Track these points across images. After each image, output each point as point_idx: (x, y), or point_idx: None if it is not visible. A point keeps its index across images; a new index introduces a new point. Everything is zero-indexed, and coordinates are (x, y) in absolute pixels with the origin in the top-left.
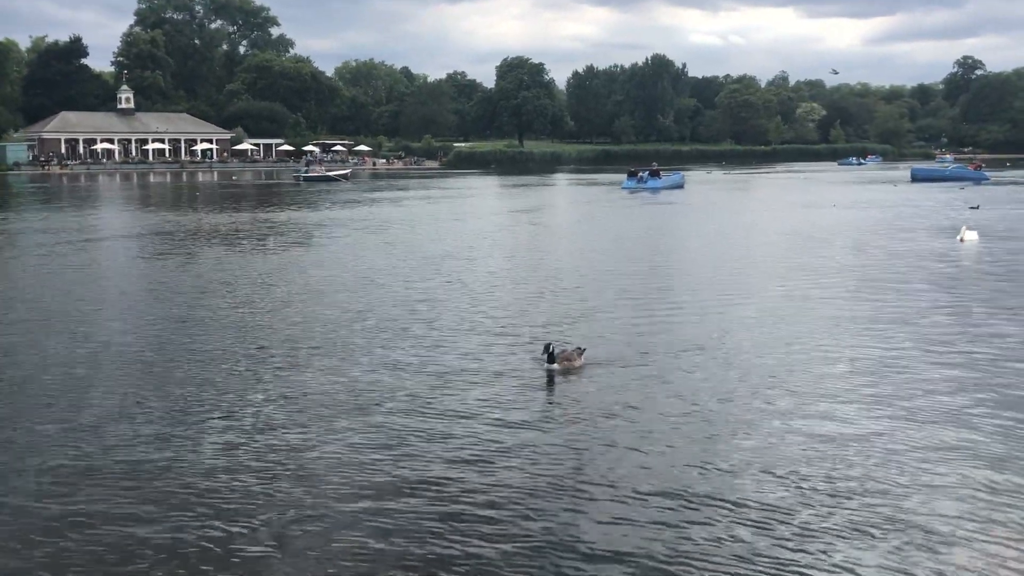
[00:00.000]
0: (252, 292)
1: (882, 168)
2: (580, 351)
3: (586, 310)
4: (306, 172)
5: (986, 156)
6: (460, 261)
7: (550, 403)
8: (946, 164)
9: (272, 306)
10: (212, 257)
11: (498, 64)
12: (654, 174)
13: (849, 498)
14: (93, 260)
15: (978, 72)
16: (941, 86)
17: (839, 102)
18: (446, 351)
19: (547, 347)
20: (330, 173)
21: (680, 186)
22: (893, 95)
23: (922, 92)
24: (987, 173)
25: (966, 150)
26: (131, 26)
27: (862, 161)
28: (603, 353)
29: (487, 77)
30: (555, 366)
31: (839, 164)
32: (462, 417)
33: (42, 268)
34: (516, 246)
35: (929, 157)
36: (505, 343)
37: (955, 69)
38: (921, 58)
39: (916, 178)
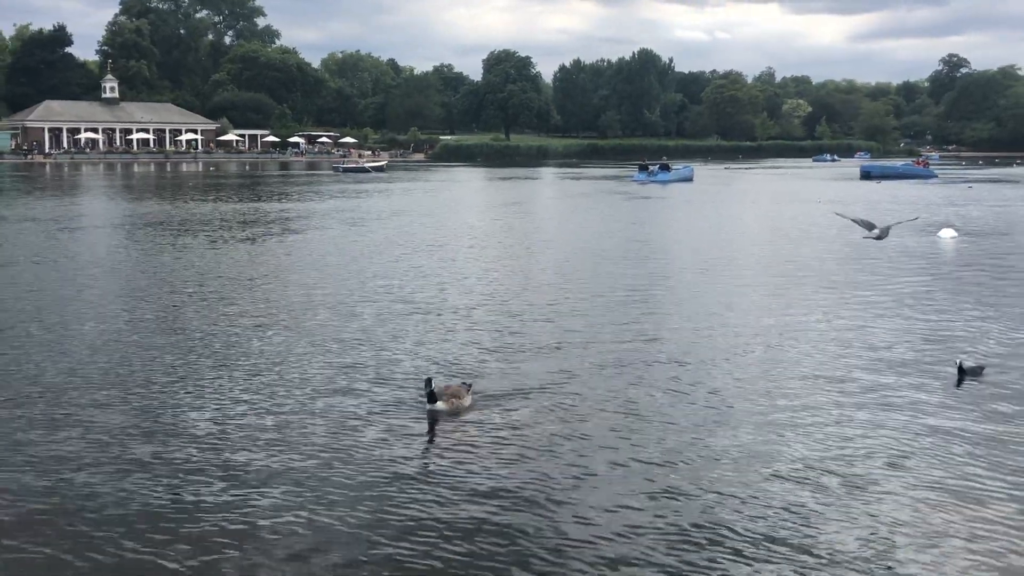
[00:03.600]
0: (209, 285)
1: (856, 165)
2: (467, 386)
3: (513, 329)
4: (344, 164)
5: (970, 153)
6: (424, 262)
7: (429, 462)
8: (933, 162)
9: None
10: (180, 249)
11: (484, 57)
12: (664, 168)
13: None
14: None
15: (963, 70)
16: (927, 84)
17: (825, 98)
18: (316, 385)
19: (428, 383)
20: (367, 164)
21: (689, 179)
22: (879, 92)
23: (907, 89)
24: (935, 170)
25: (950, 147)
26: (116, 15)
27: (835, 158)
28: (509, 384)
29: (472, 69)
30: (439, 406)
31: (813, 160)
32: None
33: (33, 254)
34: (492, 245)
35: (914, 154)
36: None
37: (940, 67)
38: (906, 55)
39: (869, 175)
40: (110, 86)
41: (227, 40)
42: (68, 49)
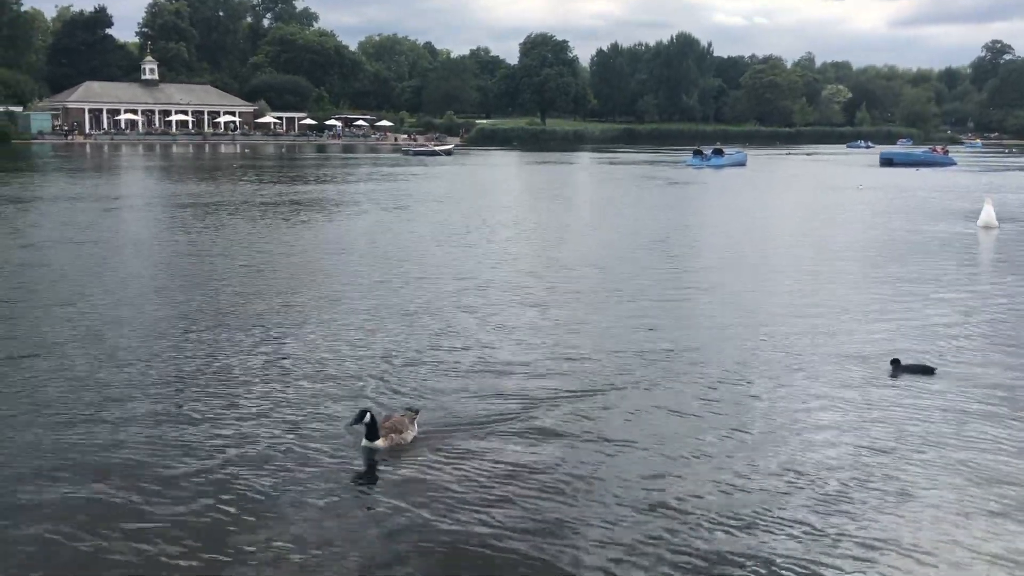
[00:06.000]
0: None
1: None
2: (412, 415)
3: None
4: (414, 148)
5: (1013, 141)
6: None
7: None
8: (975, 149)
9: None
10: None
11: (521, 41)
12: (718, 152)
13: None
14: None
15: (1006, 57)
16: (969, 70)
17: (865, 84)
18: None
19: (362, 414)
20: (435, 148)
21: (742, 164)
22: (920, 78)
23: (949, 76)
24: (954, 157)
25: (992, 135)
26: None
27: (869, 144)
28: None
29: (509, 54)
30: (378, 443)
31: (848, 147)
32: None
33: (78, 232)
34: (589, 236)
35: (956, 142)
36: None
37: (983, 53)
38: (948, 41)
39: (891, 161)
40: (150, 68)
41: (265, 23)
42: (108, 31)
